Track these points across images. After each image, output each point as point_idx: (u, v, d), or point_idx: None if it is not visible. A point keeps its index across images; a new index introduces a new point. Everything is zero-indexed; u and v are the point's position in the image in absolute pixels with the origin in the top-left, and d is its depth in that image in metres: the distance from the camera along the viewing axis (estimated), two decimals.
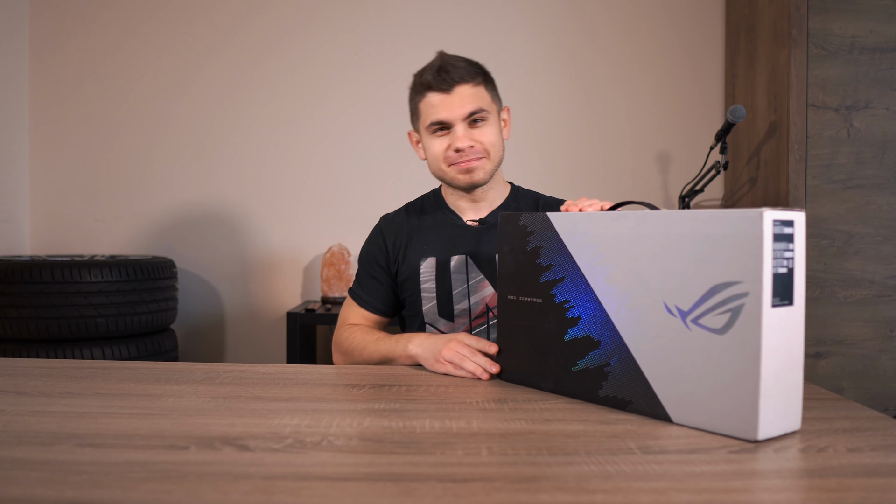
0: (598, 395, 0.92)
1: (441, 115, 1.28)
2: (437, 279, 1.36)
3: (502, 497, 0.61)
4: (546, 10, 2.79)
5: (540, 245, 1.00)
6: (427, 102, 1.30)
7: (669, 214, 0.84)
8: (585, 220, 0.94)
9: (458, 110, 1.27)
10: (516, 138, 2.77)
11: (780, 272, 0.76)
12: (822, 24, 2.16)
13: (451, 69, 1.27)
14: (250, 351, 2.84)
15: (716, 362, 0.79)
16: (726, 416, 0.78)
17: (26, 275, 2.23)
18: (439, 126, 1.29)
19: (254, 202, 2.83)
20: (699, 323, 0.80)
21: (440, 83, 1.27)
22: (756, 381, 0.75)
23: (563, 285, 0.97)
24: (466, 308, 1.34)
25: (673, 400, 0.84)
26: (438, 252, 1.37)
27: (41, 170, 2.86)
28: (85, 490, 0.61)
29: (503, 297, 1.07)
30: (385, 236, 1.42)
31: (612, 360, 0.90)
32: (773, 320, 0.75)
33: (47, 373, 1.11)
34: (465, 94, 1.28)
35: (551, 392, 0.99)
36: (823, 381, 2.15)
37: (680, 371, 0.82)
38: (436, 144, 1.31)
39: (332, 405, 0.92)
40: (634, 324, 0.88)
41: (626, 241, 0.89)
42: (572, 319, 0.95)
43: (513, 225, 1.05)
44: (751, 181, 2.53)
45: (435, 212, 1.42)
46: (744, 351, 0.76)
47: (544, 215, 1.00)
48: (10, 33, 2.76)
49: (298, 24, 2.81)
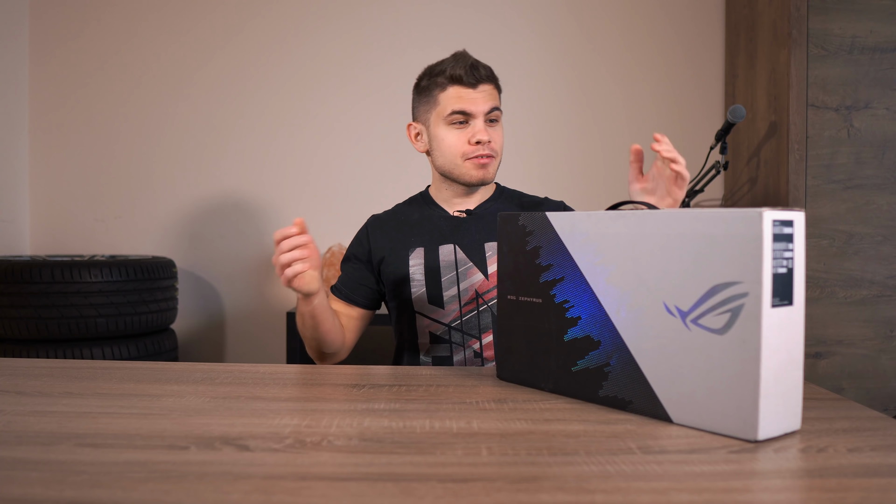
0: (598, 396, 0.92)
1: (467, 106, 1.33)
2: (425, 268, 1.39)
3: (502, 497, 0.61)
4: (546, 10, 2.79)
5: (539, 245, 1.00)
6: (451, 94, 1.34)
7: (669, 214, 0.84)
8: (585, 220, 0.94)
9: (482, 105, 1.34)
10: (516, 138, 2.77)
11: (780, 272, 0.76)
12: (822, 24, 2.16)
13: (481, 67, 1.35)
14: (250, 351, 2.84)
15: (716, 362, 0.78)
16: (726, 416, 0.78)
17: (26, 275, 2.23)
18: (461, 118, 1.34)
19: (254, 202, 2.83)
20: (699, 323, 0.80)
21: (470, 77, 1.33)
22: (756, 382, 0.75)
23: (562, 285, 0.97)
24: (456, 294, 1.37)
25: (673, 400, 0.84)
26: (426, 242, 1.41)
27: (41, 170, 2.86)
28: (85, 490, 0.61)
29: (503, 296, 1.07)
30: (371, 236, 1.46)
31: (612, 361, 0.90)
32: (772, 320, 0.75)
33: (47, 373, 1.11)
34: (487, 92, 1.35)
35: (551, 392, 0.99)
36: (823, 381, 2.15)
37: (680, 371, 0.82)
38: (453, 135, 1.35)
39: (332, 405, 0.92)
40: (634, 324, 0.87)
41: (625, 240, 0.88)
42: (572, 319, 0.95)
43: (512, 225, 1.05)
44: (751, 181, 2.53)
45: (421, 209, 1.47)
46: (744, 351, 0.76)
47: (543, 215, 0.99)
48: (10, 33, 2.76)
49: (298, 25, 2.81)
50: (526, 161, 2.77)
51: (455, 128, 1.35)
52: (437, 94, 1.37)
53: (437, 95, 1.36)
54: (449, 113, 1.34)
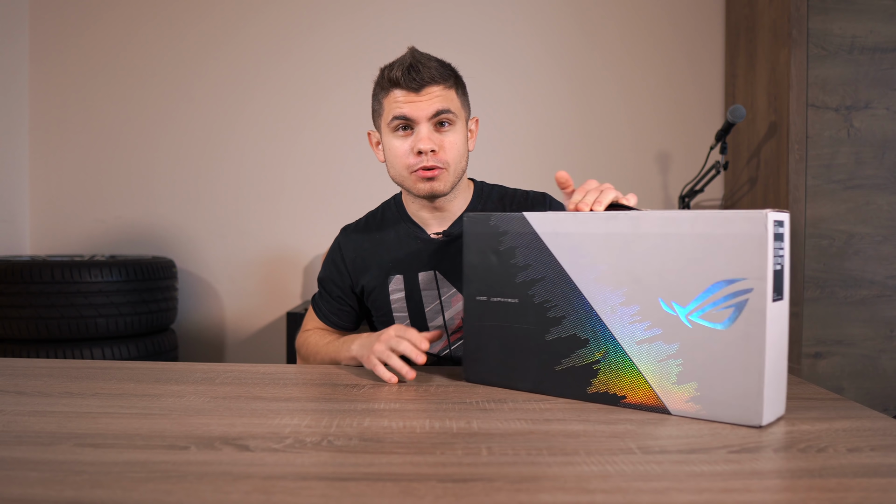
0: (586, 392, 0.93)
1: (405, 110, 1.18)
2: (406, 298, 1.29)
3: (502, 497, 0.61)
4: (546, 11, 2.79)
5: (515, 245, 1.00)
6: (392, 98, 1.20)
7: (665, 215, 0.87)
8: (571, 220, 0.95)
9: (424, 109, 1.18)
10: (516, 138, 2.77)
11: (777, 269, 0.81)
12: (822, 24, 2.16)
13: (423, 68, 1.17)
14: (250, 351, 2.84)
15: (718, 355, 0.82)
16: (729, 405, 0.82)
17: (26, 275, 2.23)
18: (402, 123, 1.19)
19: (254, 202, 2.83)
20: (699, 319, 0.84)
21: (409, 81, 1.17)
22: (761, 372, 0.79)
23: (542, 285, 0.97)
24: (442, 324, 1.28)
25: (671, 393, 0.86)
26: (405, 269, 1.29)
27: (41, 170, 2.86)
28: (85, 490, 0.61)
29: (471, 297, 1.05)
30: (344, 254, 1.35)
31: (603, 358, 0.92)
32: (773, 314, 0.80)
33: (47, 373, 1.11)
34: (433, 94, 1.19)
35: (530, 392, 0.99)
36: (823, 381, 2.15)
37: (679, 365, 0.85)
38: (396, 144, 1.21)
39: (332, 405, 0.92)
40: (627, 321, 0.89)
41: (618, 240, 0.90)
42: (555, 319, 0.96)
43: (482, 225, 1.03)
44: (751, 181, 2.53)
45: (396, 224, 1.33)
46: (748, 344, 0.80)
47: (521, 215, 0.99)
48: (10, 34, 2.76)
49: (298, 25, 2.81)
50: (526, 161, 2.77)
51: (399, 135, 1.21)
52: (382, 99, 1.23)
53: (383, 101, 1.22)
54: (390, 119, 1.20)
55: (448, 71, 1.22)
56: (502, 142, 2.74)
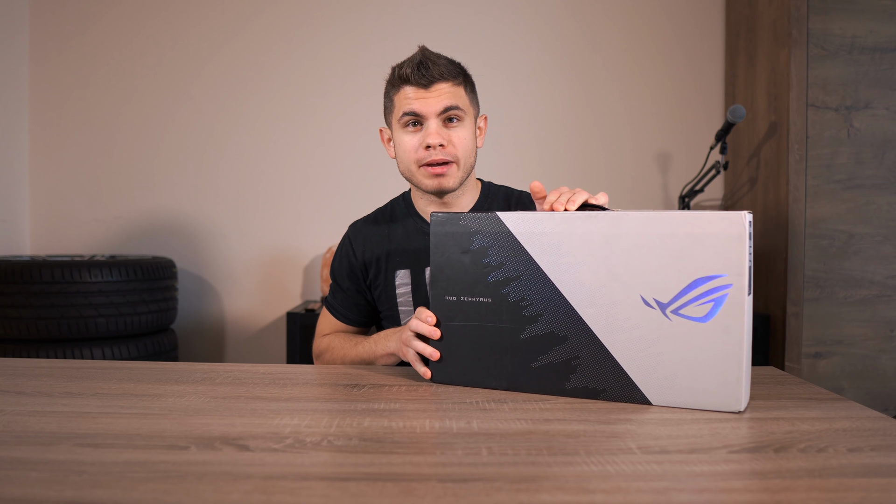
0: (564, 388, 0.95)
1: (415, 106, 1.22)
2: (413, 292, 1.32)
3: (502, 497, 0.61)
4: (546, 11, 2.79)
5: (487, 245, 1.00)
6: (402, 95, 1.24)
7: (645, 216, 0.90)
8: (548, 220, 0.96)
9: (433, 105, 1.22)
10: (517, 138, 2.77)
11: (749, 265, 0.87)
12: (822, 24, 2.16)
13: (432, 65, 1.22)
14: (250, 351, 2.84)
15: (699, 347, 0.88)
16: (710, 393, 0.87)
17: (26, 275, 2.23)
18: (412, 119, 1.24)
19: (254, 202, 2.83)
20: (680, 313, 0.88)
21: (419, 78, 1.21)
22: (740, 361, 0.86)
23: (517, 284, 0.98)
24: None
25: (651, 384, 0.91)
26: (412, 263, 1.32)
27: (41, 170, 2.86)
28: (85, 490, 0.61)
29: (438, 298, 1.04)
30: (354, 247, 1.37)
31: (581, 353, 0.94)
32: (748, 307, 0.86)
33: (47, 373, 1.11)
34: (442, 90, 1.23)
35: (504, 390, 0.99)
36: (823, 381, 2.14)
37: (659, 358, 0.90)
38: (406, 140, 1.25)
39: (332, 405, 0.93)
40: (606, 317, 0.92)
41: (597, 239, 0.93)
42: (531, 317, 0.97)
43: (451, 225, 1.03)
44: (751, 181, 2.53)
45: (405, 219, 1.36)
46: (728, 335, 0.86)
47: (494, 215, 1.00)
48: (10, 34, 2.76)
49: (298, 25, 2.81)
50: (526, 161, 2.77)
51: (409, 131, 1.25)
52: (393, 96, 1.27)
53: (393, 97, 1.27)
54: (401, 115, 1.24)
55: (457, 68, 1.26)
56: (502, 141, 2.74)
